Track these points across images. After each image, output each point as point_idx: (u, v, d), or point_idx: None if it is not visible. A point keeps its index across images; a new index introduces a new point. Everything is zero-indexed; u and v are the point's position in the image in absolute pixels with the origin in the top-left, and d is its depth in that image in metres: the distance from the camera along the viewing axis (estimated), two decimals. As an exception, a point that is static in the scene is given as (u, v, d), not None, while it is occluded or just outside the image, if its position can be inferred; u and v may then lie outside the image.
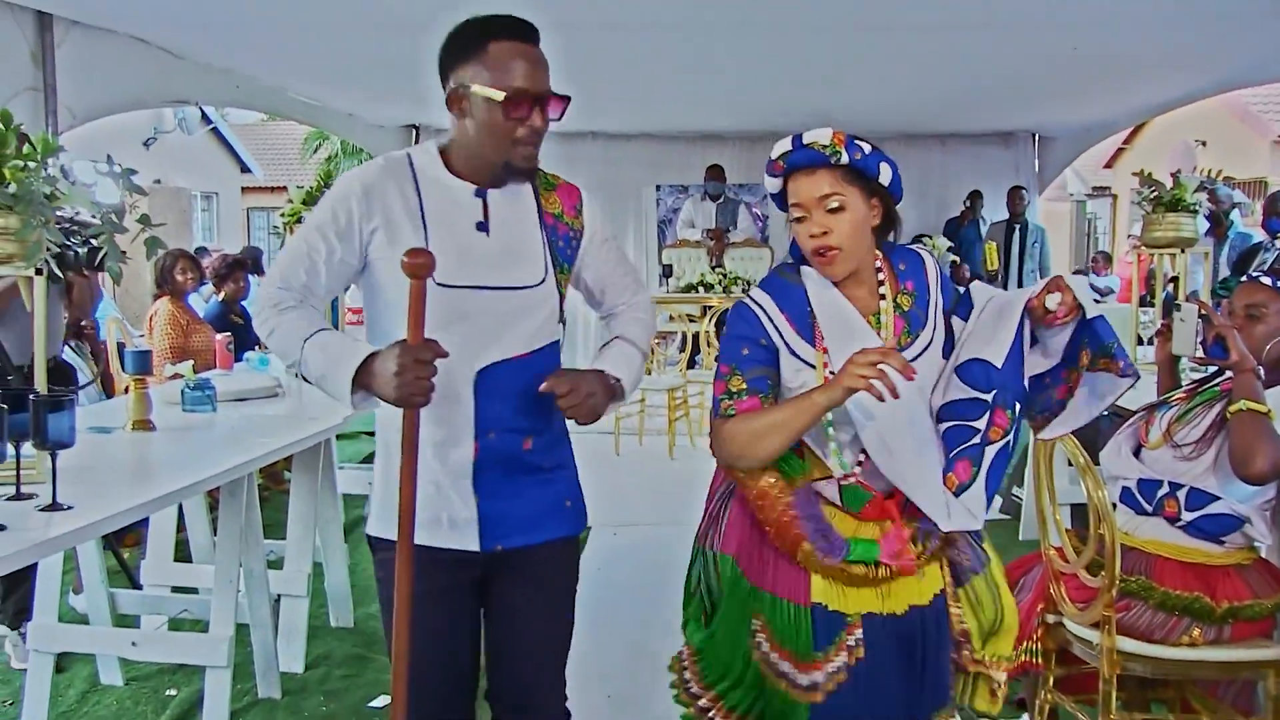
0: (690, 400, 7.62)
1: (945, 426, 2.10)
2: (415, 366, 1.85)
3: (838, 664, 2.10)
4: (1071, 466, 2.70)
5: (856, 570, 2.10)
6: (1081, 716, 2.81)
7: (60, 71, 4.95)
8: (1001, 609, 2.25)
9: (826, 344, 2.09)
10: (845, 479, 2.12)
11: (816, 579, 2.12)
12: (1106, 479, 2.84)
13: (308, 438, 3.49)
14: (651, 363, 7.65)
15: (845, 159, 2.03)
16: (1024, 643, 2.86)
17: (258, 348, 4.83)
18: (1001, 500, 6.07)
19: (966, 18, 5.49)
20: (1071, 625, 2.78)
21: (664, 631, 3.51)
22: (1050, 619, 2.86)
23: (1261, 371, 2.74)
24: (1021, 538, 5.38)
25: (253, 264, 9.09)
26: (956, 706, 2.26)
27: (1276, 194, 6.32)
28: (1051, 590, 2.83)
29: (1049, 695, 2.87)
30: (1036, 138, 10.30)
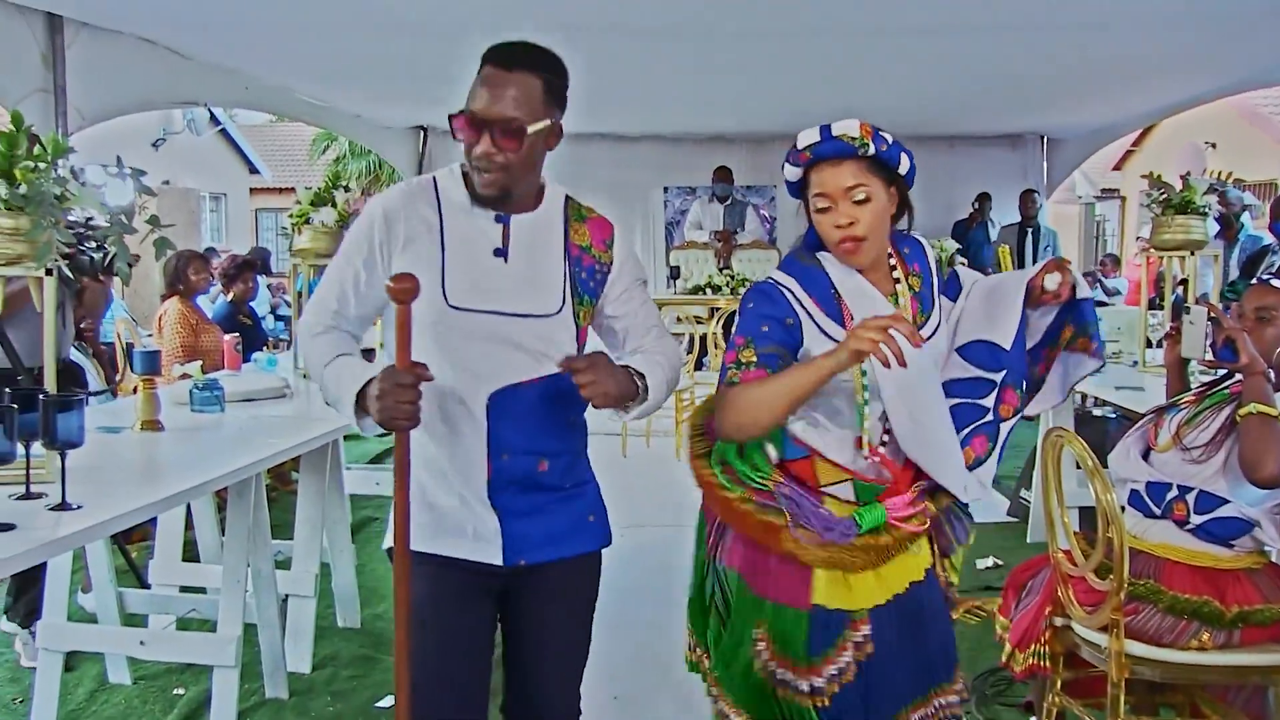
0: (698, 402, 7.59)
1: (951, 404, 2.16)
2: (396, 391, 1.85)
3: (841, 664, 2.11)
4: (1080, 469, 2.70)
5: (867, 543, 2.10)
6: (1089, 720, 2.80)
7: (70, 73, 4.97)
8: None
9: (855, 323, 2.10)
10: (871, 455, 2.13)
11: (819, 577, 2.12)
12: (1115, 482, 2.83)
13: (315, 438, 3.49)
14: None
15: (872, 150, 2.05)
16: (1032, 646, 2.86)
17: (265, 348, 4.83)
18: (1009, 503, 6.07)
19: (974, 20, 5.48)
20: (1080, 629, 2.78)
21: (671, 633, 3.51)
22: (1058, 622, 2.85)
23: (1272, 374, 2.73)
24: (1029, 540, 5.36)
25: (261, 265, 9.10)
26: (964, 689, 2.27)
27: None
28: (1060, 593, 2.82)
29: (1057, 699, 2.86)
30: (1045, 140, 10.29)
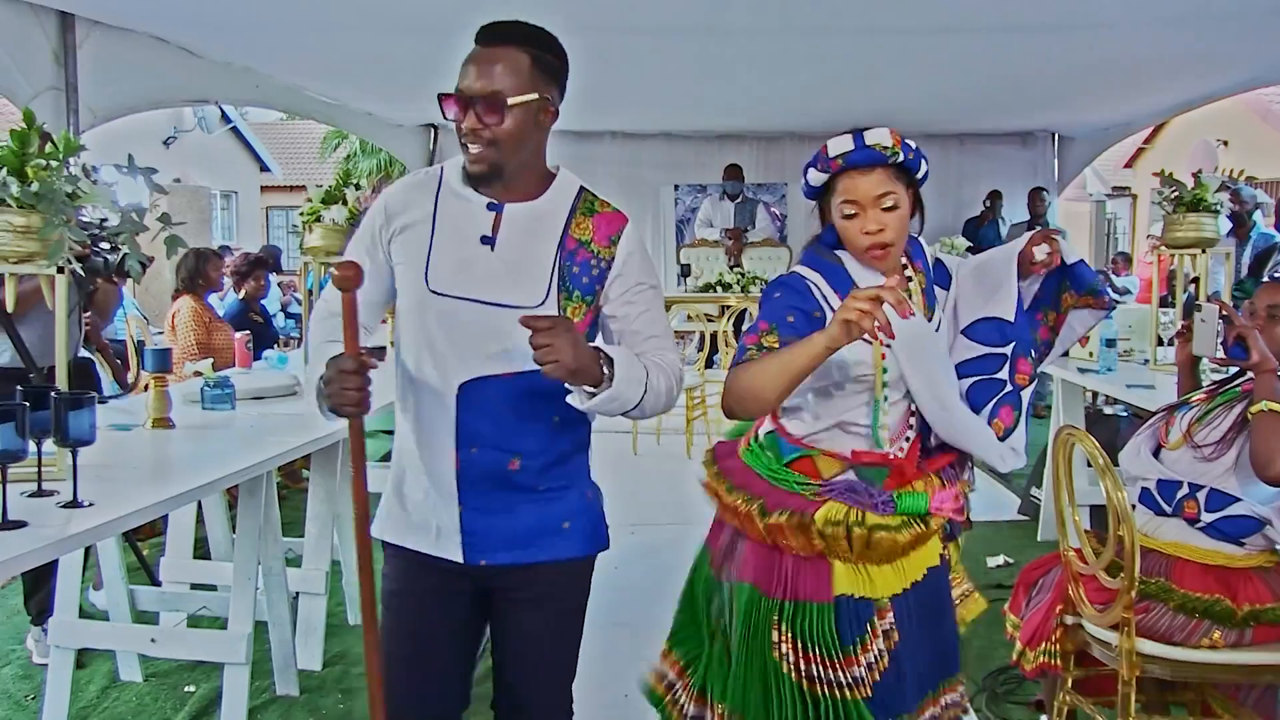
0: (709, 399, 7.58)
1: (968, 383, 2.21)
2: (341, 378, 1.85)
3: (874, 653, 2.14)
4: (1090, 467, 2.69)
5: (893, 537, 2.14)
6: (1100, 719, 2.79)
7: (82, 71, 4.98)
8: None
9: None
10: (896, 442, 2.19)
11: (839, 569, 2.15)
12: (1126, 480, 2.83)
13: (326, 436, 3.50)
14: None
15: (900, 159, 2.10)
16: (1042, 644, 2.86)
17: (276, 346, 4.83)
18: (1020, 501, 6.06)
19: (985, 19, 5.46)
20: (1090, 627, 2.77)
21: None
22: (1069, 621, 2.85)
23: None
24: (1040, 539, 5.36)
25: (272, 263, 9.12)
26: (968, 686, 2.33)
27: None
28: (1070, 592, 2.82)
29: (1067, 697, 2.86)
30: (1056, 137, 10.24)
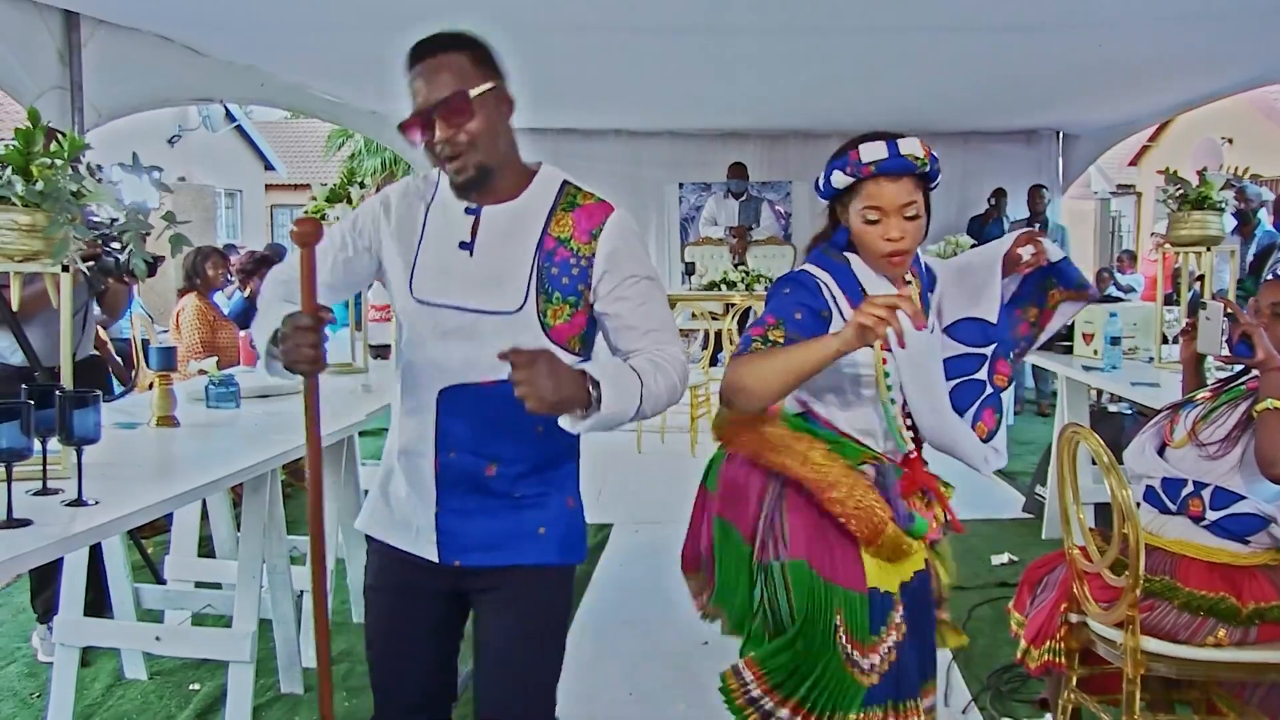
0: (713, 398, 7.58)
1: (951, 385, 2.25)
2: (296, 334, 1.84)
3: (889, 643, 2.21)
4: (1095, 465, 2.69)
5: (901, 544, 2.21)
6: (1105, 717, 2.79)
7: (86, 70, 4.99)
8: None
9: None
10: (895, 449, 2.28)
11: (869, 563, 2.21)
12: (1130, 478, 2.83)
13: (330, 434, 3.49)
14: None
15: (928, 169, 2.15)
16: (1047, 642, 2.85)
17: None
18: (1025, 499, 6.05)
19: (989, 17, 5.46)
20: (1095, 625, 2.77)
21: (686, 629, 3.52)
22: (1074, 619, 2.84)
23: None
24: (1044, 537, 5.35)
25: (278, 261, 9.13)
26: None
27: None
28: (1075, 590, 2.81)
29: (1072, 695, 2.86)
30: (1060, 135, 10.23)
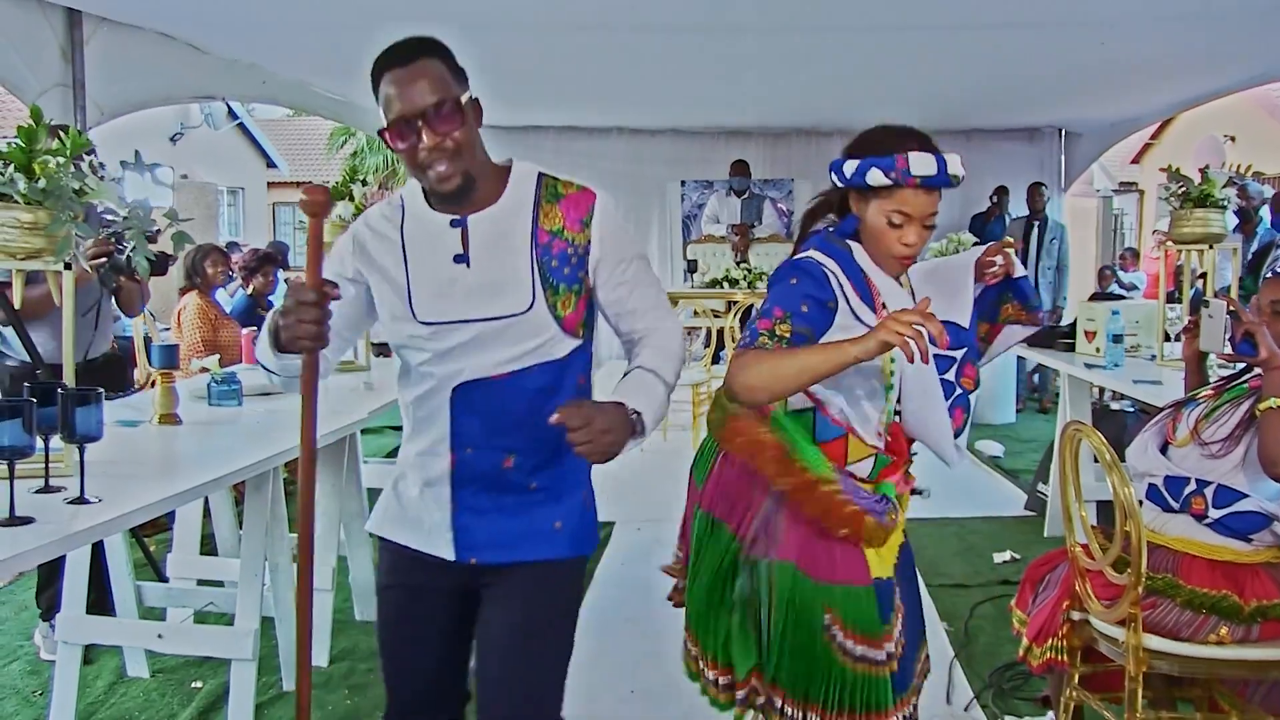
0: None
1: None
2: (299, 309, 1.83)
3: (899, 630, 2.25)
4: (1097, 463, 2.69)
5: (884, 530, 2.25)
6: (1107, 715, 2.79)
7: (89, 67, 4.99)
8: None
9: (887, 311, 2.20)
10: (888, 435, 2.32)
11: (870, 554, 2.24)
12: (1133, 476, 2.83)
13: (332, 432, 3.49)
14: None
15: (958, 184, 2.22)
16: (1049, 640, 2.86)
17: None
18: (1027, 497, 6.05)
19: (991, 16, 5.46)
20: (1097, 623, 2.77)
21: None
22: (1076, 616, 2.84)
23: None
24: (1046, 534, 5.36)
25: (281, 259, 9.12)
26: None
27: None
28: (1077, 587, 2.81)
29: (1074, 693, 2.86)
30: (1063, 133, 10.22)
